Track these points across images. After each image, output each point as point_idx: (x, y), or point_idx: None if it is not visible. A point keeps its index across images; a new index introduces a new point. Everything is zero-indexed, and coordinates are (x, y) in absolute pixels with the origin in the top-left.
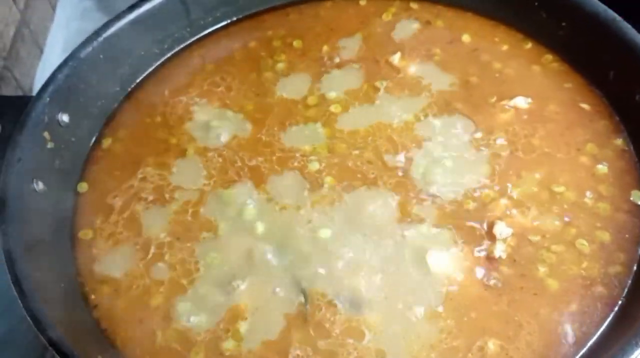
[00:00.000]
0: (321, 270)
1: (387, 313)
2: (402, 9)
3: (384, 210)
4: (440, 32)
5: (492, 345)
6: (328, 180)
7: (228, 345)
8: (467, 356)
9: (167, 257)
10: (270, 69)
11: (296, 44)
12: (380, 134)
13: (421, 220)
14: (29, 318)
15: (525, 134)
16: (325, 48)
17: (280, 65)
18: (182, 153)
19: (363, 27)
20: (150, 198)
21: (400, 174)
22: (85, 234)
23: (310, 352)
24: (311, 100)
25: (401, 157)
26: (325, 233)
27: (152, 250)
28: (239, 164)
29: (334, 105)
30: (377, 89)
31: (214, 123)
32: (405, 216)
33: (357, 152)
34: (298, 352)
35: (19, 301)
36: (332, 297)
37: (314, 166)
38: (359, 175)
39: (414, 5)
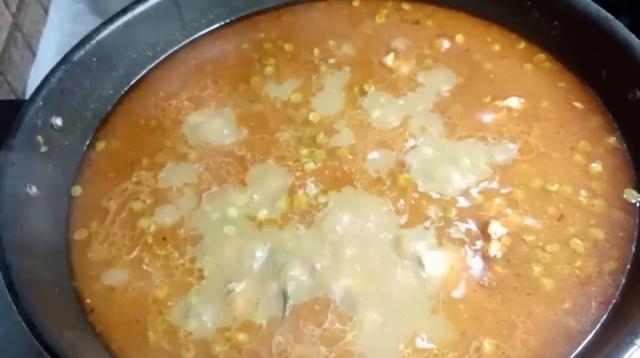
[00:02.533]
0: (316, 271)
1: (381, 313)
2: (395, 10)
3: (378, 210)
4: (433, 32)
5: (487, 344)
6: (321, 182)
7: (222, 346)
8: (464, 357)
9: (162, 260)
10: (259, 72)
11: (287, 46)
12: (373, 134)
13: (415, 220)
14: (23, 323)
15: (520, 131)
16: (318, 50)
17: (270, 69)
18: (177, 155)
19: (356, 28)
20: (145, 200)
21: (393, 174)
22: (80, 238)
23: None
24: (302, 103)
25: (395, 158)
26: (319, 234)
27: (147, 252)
28: (232, 166)
29: (326, 106)
30: (368, 90)
31: (208, 125)
32: (399, 216)
33: (350, 153)
34: (280, 338)
35: (13, 306)
36: (328, 297)
37: (308, 169)
38: (352, 177)
39: (405, 6)
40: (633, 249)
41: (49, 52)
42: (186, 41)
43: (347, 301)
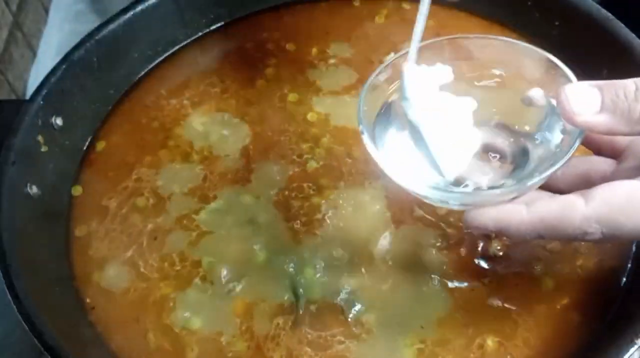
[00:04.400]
0: (316, 270)
1: (382, 313)
2: (395, 10)
3: (379, 210)
4: (434, 33)
5: (490, 342)
6: (323, 181)
7: (226, 345)
8: (468, 355)
9: (162, 259)
10: (261, 72)
11: (289, 46)
12: None
13: (416, 220)
14: (23, 322)
15: None
16: (319, 50)
17: (272, 69)
18: (177, 155)
19: (356, 28)
20: (146, 199)
21: None
22: (80, 237)
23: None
24: (304, 103)
25: None
26: (321, 234)
27: (148, 251)
28: (234, 166)
29: (327, 106)
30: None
31: (210, 125)
32: (400, 215)
33: (350, 153)
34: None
35: (14, 305)
36: (328, 296)
37: (310, 168)
38: (353, 176)
39: (406, 6)
40: (634, 248)
41: (49, 51)
42: (188, 40)
43: (348, 300)
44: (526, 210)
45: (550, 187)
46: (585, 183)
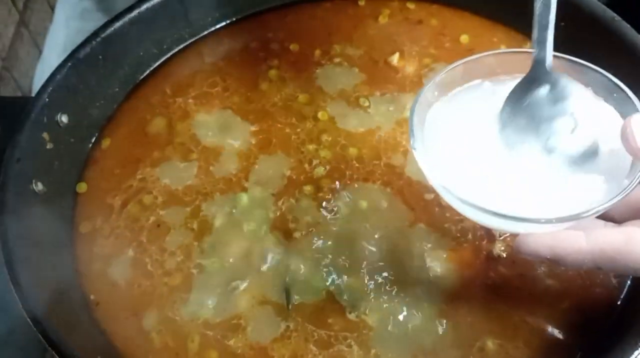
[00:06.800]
0: (319, 270)
1: (384, 313)
2: (399, 9)
3: (381, 210)
4: (438, 32)
5: (491, 344)
6: (327, 182)
7: (238, 344)
8: (469, 357)
9: (166, 256)
10: (265, 72)
11: (293, 46)
12: (379, 133)
13: (419, 220)
14: (28, 319)
15: None
16: (323, 50)
17: (275, 69)
18: (182, 153)
19: (361, 28)
20: (150, 196)
21: (398, 173)
22: (85, 234)
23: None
24: (308, 103)
25: (400, 157)
26: (325, 234)
27: (153, 249)
28: (238, 164)
29: (331, 107)
30: (374, 92)
31: (214, 124)
32: (402, 216)
33: (355, 154)
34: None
35: (19, 302)
36: (331, 296)
37: (315, 167)
38: (357, 176)
39: (410, 5)
40: None
41: (55, 49)
42: (192, 39)
43: (349, 300)
44: (585, 238)
45: (603, 214)
46: (637, 212)
